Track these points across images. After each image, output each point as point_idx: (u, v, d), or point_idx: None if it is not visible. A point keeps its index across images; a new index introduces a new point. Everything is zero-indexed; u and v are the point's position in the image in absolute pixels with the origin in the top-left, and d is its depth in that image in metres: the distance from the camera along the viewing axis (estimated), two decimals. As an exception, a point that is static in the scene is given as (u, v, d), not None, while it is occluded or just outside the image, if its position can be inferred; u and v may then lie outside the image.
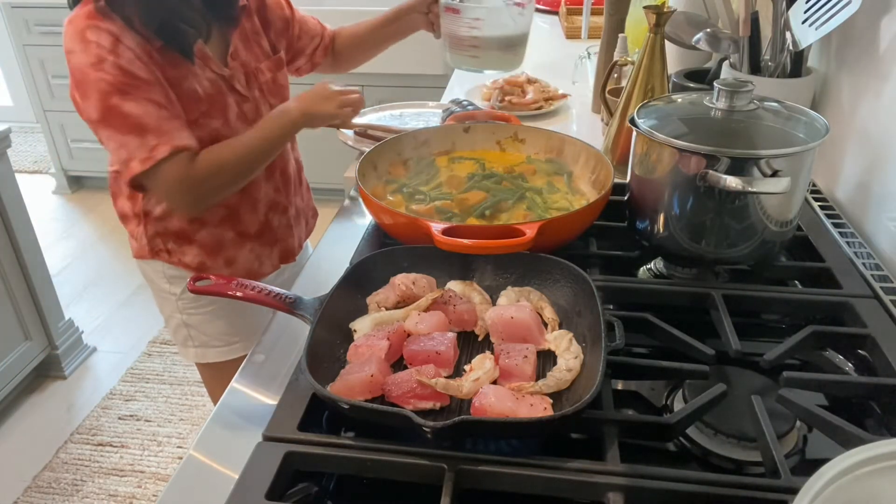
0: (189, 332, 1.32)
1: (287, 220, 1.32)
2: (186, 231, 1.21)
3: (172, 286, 1.27)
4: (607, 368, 0.65)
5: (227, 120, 1.15)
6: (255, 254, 1.28)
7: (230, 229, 1.23)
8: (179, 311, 1.29)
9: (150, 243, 1.23)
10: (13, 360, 2.17)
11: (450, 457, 0.59)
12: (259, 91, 1.21)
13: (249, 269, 1.27)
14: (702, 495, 0.56)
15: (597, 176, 0.98)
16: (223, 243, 1.24)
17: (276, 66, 1.25)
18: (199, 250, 1.22)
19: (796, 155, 0.77)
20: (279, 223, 1.30)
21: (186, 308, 1.29)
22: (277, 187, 1.27)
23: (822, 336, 0.76)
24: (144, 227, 1.22)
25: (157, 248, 1.23)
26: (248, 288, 0.76)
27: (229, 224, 1.23)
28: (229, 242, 1.24)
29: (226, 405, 0.73)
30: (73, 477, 2.01)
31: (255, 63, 1.20)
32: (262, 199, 1.25)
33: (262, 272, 1.30)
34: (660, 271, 0.92)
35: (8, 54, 3.63)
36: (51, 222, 3.36)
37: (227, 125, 1.15)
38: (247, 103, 1.18)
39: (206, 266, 1.23)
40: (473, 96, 1.62)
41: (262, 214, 1.26)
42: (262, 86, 1.21)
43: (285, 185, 1.29)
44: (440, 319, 0.73)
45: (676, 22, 1.19)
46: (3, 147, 2.05)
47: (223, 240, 1.23)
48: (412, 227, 0.82)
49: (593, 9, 1.99)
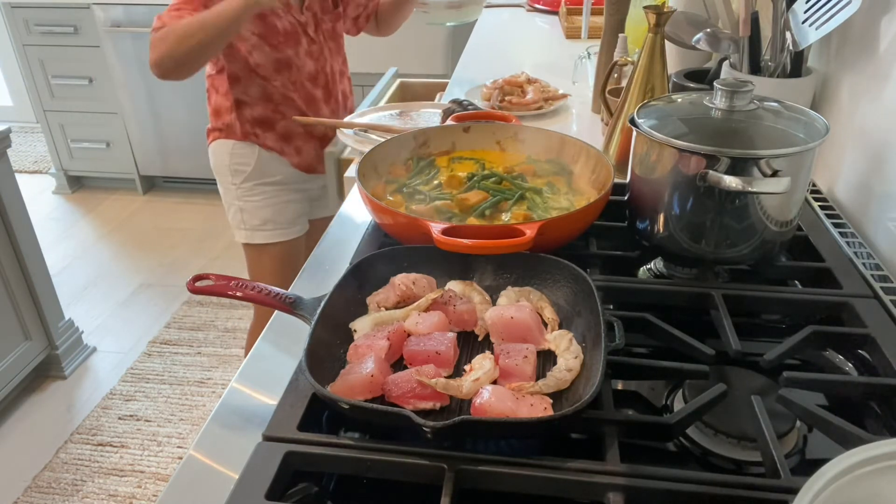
0: (243, 216, 1.69)
1: None
2: (270, 119, 1.60)
3: (234, 178, 1.65)
4: (607, 368, 0.65)
5: (298, 53, 1.57)
6: (316, 153, 1.67)
7: (300, 126, 1.63)
8: (237, 198, 1.67)
9: (242, 127, 1.60)
10: (13, 360, 2.17)
11: (450, 457, 0.59)
12: (323, 37, 1.63)
13: (310, 163, 1.68)
14: (702, 495, 0.56)
15: (597, 176, 0.98)
16: (294, 134, 1.64)
17: (336, 18, 1.66)
18: (277, 137, 1.62)
19: (796, 155, 0.77)
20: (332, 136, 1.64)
21: (242, 196, 1.67)
22: (333, 110, 1.69)
23: (822, 336, 0.76)
24: (238, 113, 1.60)
25: (247, 132, 1.60)
26: (247, 288, 0.76)
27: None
28: (299, 136, 1.65)
29: (226, 405, 0.73)
30: (73, 477, 2.01)
31: (322, 14, 1.61)
32: (322, 115, 1.66)
33: (320, 170, 1.67)
34: (660, 271, 0.92)
35: (8, 54, 3.64)
36: (51, 222, 3.37)
37: (298, 56, 1.57)
38: (313, 45, 1.61)
39: (282, 150, 1.64)
40: (473, 96, 1.62)
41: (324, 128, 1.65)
42: (324, 33, 1.63)
43: (338, 108, 1.72)
44: (440, 319, 0.73)
45: (676, 22, 1.19)
46: (3, 147, 2.05)
47: (295, 132, 1.64)
48: (412, 227, 0.82)
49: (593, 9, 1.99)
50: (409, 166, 1.05)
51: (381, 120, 1.53)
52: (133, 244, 3.21)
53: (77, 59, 3.23)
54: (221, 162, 1.66)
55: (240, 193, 1.67)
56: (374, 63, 1.67)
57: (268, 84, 1.57)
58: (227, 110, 1.61)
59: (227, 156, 1.64)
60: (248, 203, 1.68)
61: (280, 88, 1.58)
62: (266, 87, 1.57)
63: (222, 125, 1.63)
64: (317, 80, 1.63)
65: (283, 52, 1.55)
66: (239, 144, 1.62)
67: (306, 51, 1.59)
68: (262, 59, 1.54)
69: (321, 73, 1.64)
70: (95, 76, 3.25)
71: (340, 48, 1.73)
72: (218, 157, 1.67)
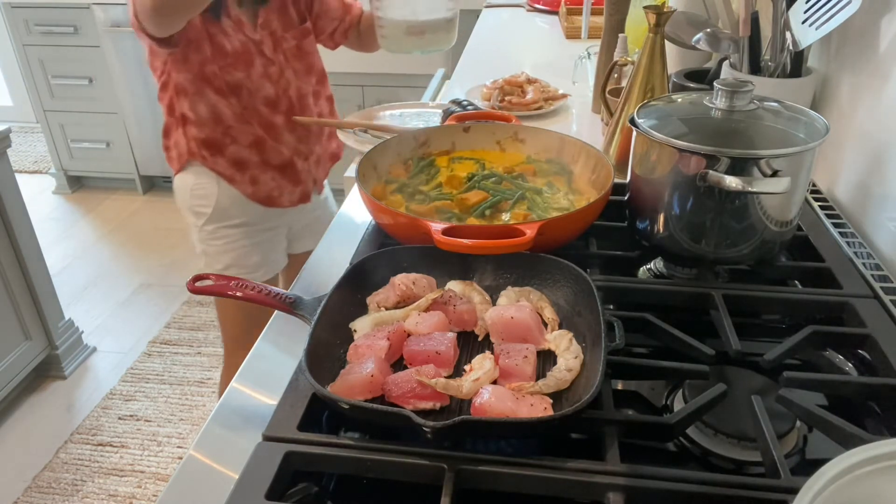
0: (206, 259, 1.55)
1: (308, 165, 1.53)
2: (219, 142, 1.41)
3: (196, 219, 1.49)
4: (607, 368, 0.65)
5: (250, 75, 1.37)
6: (276, 183, 1.48)
7: (256, 154, 1.44)
8: (200, 241, 1.53)
9: (188, 146, 1.42)
10: (13, 360, 2.17)
11: (450, 457, 0.59)
12: (284, 56, 1.42)
13: (269, 194, 1.48)
14: (702, 495, 0.56)
15: (597, 176, 0.98)
16: (249, 163, 1.44)
17: (302, 35, 1.45)
18: (229, 163, 1.43)
19: (796, 155, 0.77)
20: (302, 167, 1.51)
21: (205, 238, 1.52)
22: (300, 138, 1.49)
23: (822, 336, 0.76)
24: (184, 130, 1.41)
25: (193, 151, 1.42)
26: (248, 288, 0.76)
27: (256, 150, 1.43)
28: (254, 164, 1.45)
29: (226, 405, 0.73)
30: (73, 477, 2.01)
31: (283, 31, 1.41)
32: (285, 143, 1.46)
33: (281, 202, 1.51)
34: (660, 271, 0.92)
35: (8, 54, 3.64)
36: (51, 222, 3.37)
37: (250, 79, 1.38)
38: (271, 66, 1.40)
39: (234, 178, 1.44)
40: (473, 96, 1.62)
41: (287, 156, 1.47)
42: (286, 52, 1.42)
43: (307, 136, 1.51)
44: (440, 319, 0.73)
45: (676, 22, 1.19)
46: (3, 147, 2.05)
47: (249, 160, 1.44)
48: (412, 227, 0.82)
49: (593, 9, 1.99)
50: (409, 166, 1.05)
51: (381, 120, 1.53)
52: (133, 244, 3.21)
53: (77, 59, 3.23)
54: (183, 201, 1.51)
55: (202, 236, 1.52)
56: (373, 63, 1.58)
57: (219, 103, 1.38)
58: (173, 126, 1.44)
59: (187, 195, 1.48)
60: (211, 246, 1.53)
61: (233, 109, 1.39)
62: (217, 107, 1.38)
63: (171, 144, 1.46)
64: (277, 106, 1.43)
65: (232, 74, 1.36)
66: (198, 184, 1.45)
67: (262, 73, 1.39)
68: (213, 74, 1.36)
69: (282, 98, 1.44)
70: (95, 76, 3.25)
71: (311, 67, 1.51)
72: (179, 194, 1.52)
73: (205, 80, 1.35)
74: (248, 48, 1.35)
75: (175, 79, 1.37)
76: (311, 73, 1.50)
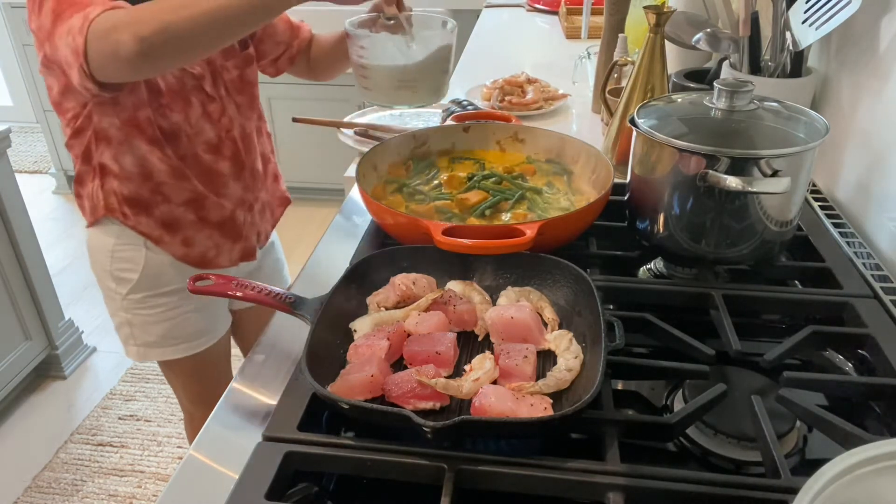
0: (132, 330, 1.31)
1: (252, 217, 1.30)
2: (146, 201, 1.17)
3: (119, 286, 1.25)
4: (607, 368, 0.65)
5: (188, 116, 1.13)
6: (213, 241, 1.24)
7: (192, 212, 1.20)
8: (124, 310, 1.28)
9: (106, 200, 1.16)
10: (13, 360, 2.17)
11: (450, 457, 0.59)
12: (225, 90, 1.19)
13: (205, 255, 1.24)
14: (702, 495, 0.56)
15: (597, 176, 0.98)
16: (182, 223, 1.20)
17: (245, 63, 1.22)
18: (156, 223, 1.19)
19: (796, 155, 0.77)
20: (244, 220, 1.28)
21: (131, 308, 1.27)
22: (246, 186, 1.26)
23: (822, 336, 0.76)
24: (102, 182, 1.15)
25: (113, 207, 1.16)
26: (248, 288, 0.76)
27: (193, 208, 1.20)
28: (188, 224, 1.21)
29: (226, 405, 0.73)
30: (73, 477, 2.01)
31: (223, 60, 1.17)
32: (229, 195, 1.23)
33: (218, 263, 1.26)
34: (660, 271, 0.92)
35: (8, 54, 3.63)
36: (51, 222, 3.36)
37: (188, 122, 1.14)
38: (213, 103, 1.16)
39: (162, 239, 1.20)
40: (473, 96, 1.62)
41: (228, 210, 1.24)
42: (227, 84, 1.19)
43: (253, 182, 1.28)
44: (440, 319, 0.73)
45: (676, 22, 1.19)
46: (3, 147, 2.05)
47: (183, 220, 1.20)
48: (412, 227, 0.82)
49: (593, 9, 1.99)
50: (409, 166, 1.05)
51: (381, 120, 1.53)
52: (133, 244, 3.21)
53: (77, 59, 3.22)
54: (99, 263, 1.24)
55: (126, 305, 1.26)
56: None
57: (150, 155, 1.13)
58: (88, 176, 1.17)
59: (106, 257, 1.22)
60: (138, 316, 1.27)
61: (168, 162, 1.14)
62: (147, 160, 1.13)
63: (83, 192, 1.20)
64: (220, 150, 1.19)
65: (168, 117, 1.11)
66: (120, 245, 1.20)
67: (201, 113, 1.15)
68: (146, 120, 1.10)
69: (225, 140, 1.19)
70: (95, 76, 3.25)
71: (254, 100, 1.26)
72: (95, 255, 1.24)
73: (135, 128, 1.10)
74: (185, 84, 1.11)
75: (97, 124, 1.11)
76: (254, 107, 1.27)
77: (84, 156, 1.15)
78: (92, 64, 0.92)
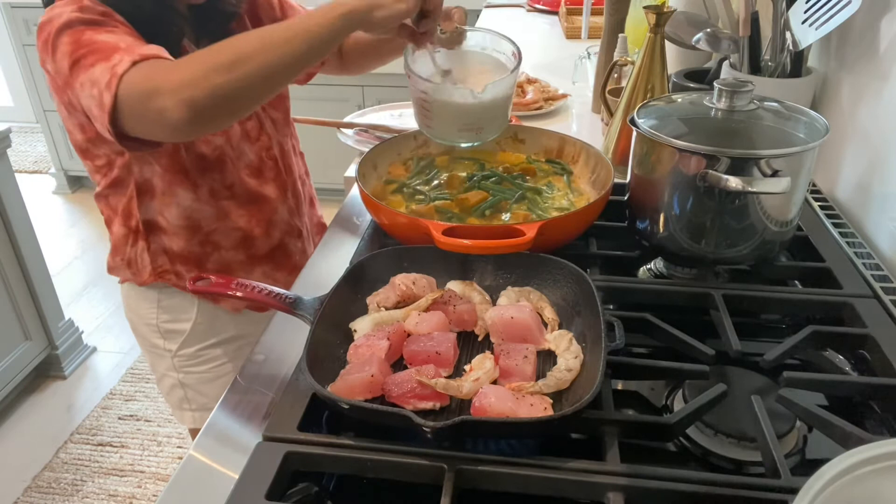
0: (186, 393, 1.17)
1: (303, 244, 1.22)
2: (197, 255, 1.06)
3: (168, 342, 1.12)
4: (607, 368, 0.65)
5: (229, 137, 1.04)
6: (268, 279, 1.15)
7: (242, 253, 1.11)
8: (175, 369, 1.15)
9: (154, 263, 1.04)
10: (13, 360, 2.17)
11: (450, 457, 0.59)
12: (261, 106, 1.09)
13: None
14: (702, 495, 0.56)
15: (597, 176, 0.98)
16: (233, 268, 1.11)
17: None
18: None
19: (796, 155, 0.77)
20: (295, 248, 1.19)
21: (183, 366, 1.14)
22: (291, 209, 1.17)
23: (822, 336, 0.76)
24: (146, 242, 1.03)
25: (163, 269, 1.05)
26: (248, 288, 0.76)
27: (242, 248, 1.11)
28: (238, 265, 1.12)
29: (226, 405, 0.73)
30: (73, 477, 2.01)
31: None
32: (277, 223, 1.14)
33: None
34: (660, 271, 0.92)
35: (8, 54, 3.63)
36: (51, 222, 3.36)
37: (230, 143, 1.04)
38: (250, 121, 1.07)
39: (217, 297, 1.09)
40: (473, 96, 1.61)
41: (276, 239, 1.15)
42: None
43: (297, 207, 1.19)
44: (440, 319, 0.73)
45: (676, 22, 1.19)
46: (3, 147, 2.05)
47: (233, 263, 1.11)
48: (412, 227, 0.82)
49: (593, 9, 1.99)
50: (409, 166, 1.05)
51: (381, 120, 1.53)
52: (133, 244, 3.21)
53: (77, 59, 3.22)
54: (142, 319, 1.11)
55: (178, 363, 1.14)
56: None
57: (194, 202, 1.03)
58: (128, 241, 1.06)
59: (150, 310, 1.10)
60: (191, 376, 1.15)
61: (212, 204, 1.05)
62: (192, 209, 1.03)
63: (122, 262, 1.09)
64: (262, 173, 1.10)
65: (210, 142, 1.00)
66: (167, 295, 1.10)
67: (240, 134, 1.05)
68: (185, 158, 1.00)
69: (266, 161, 1.11)
70: (95, 76, 3.25)
71: (288, 115, 1.17)
72: (136, 310, 1.12)
73: (179, 168, 1.00)
74: None
75: (137, 176, 1.00)
76: (287, 122, 1.18)
77: (124, 213, 1.04)
78: (125, 124, 0.83)
